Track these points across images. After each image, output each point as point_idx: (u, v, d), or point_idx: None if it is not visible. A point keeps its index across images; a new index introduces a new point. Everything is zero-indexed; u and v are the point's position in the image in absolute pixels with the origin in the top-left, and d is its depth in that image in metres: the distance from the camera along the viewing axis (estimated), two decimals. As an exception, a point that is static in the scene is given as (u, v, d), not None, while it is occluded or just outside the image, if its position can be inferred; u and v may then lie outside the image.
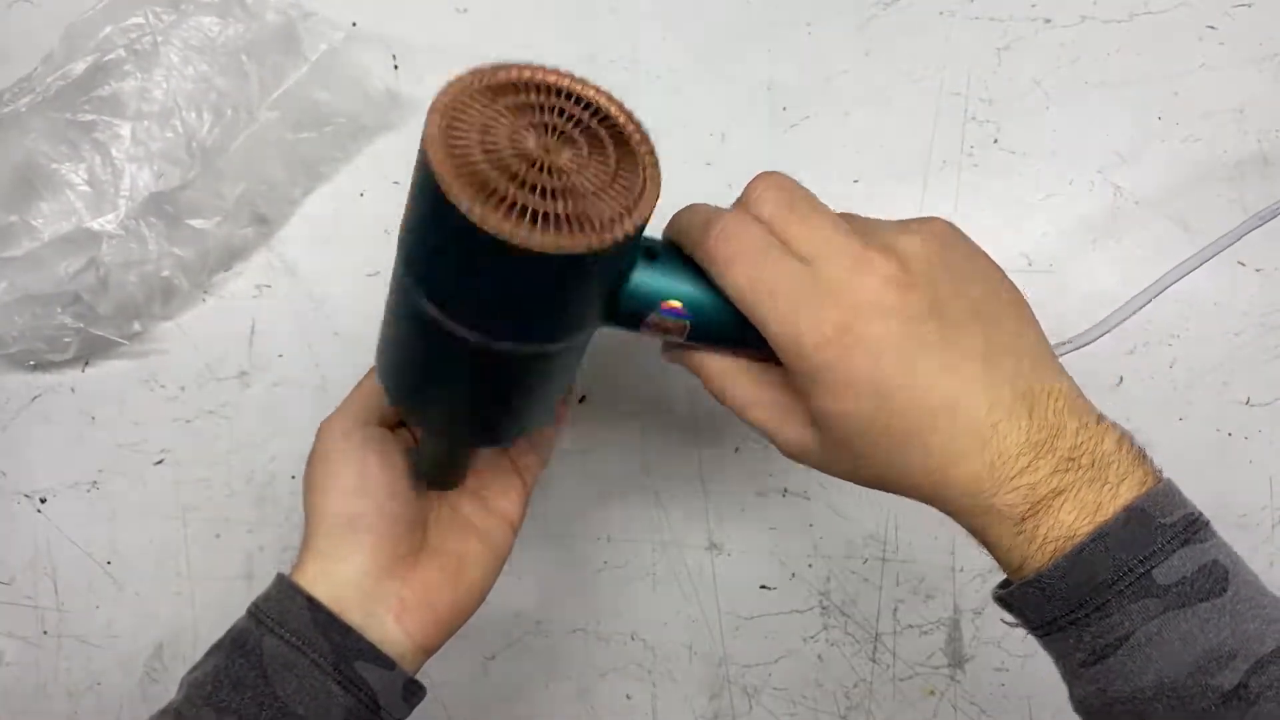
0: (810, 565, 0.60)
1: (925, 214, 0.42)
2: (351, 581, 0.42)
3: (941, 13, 0.61)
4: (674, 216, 0.40)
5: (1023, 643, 0.59)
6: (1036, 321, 0.38)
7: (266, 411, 0.61)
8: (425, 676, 0.60)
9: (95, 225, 0.57)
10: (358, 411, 0.45)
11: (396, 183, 0.61)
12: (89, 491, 0.61)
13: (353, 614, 0.41)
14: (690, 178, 0.45)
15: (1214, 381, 0.59)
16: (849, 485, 0.59)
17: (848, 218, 0.39)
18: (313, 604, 0.41)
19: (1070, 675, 0.36)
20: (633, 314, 0.39)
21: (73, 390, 0.61)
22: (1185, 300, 0.59)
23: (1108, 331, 0.51)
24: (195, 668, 0.41)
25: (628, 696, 0.60)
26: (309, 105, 0.58)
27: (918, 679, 0.59)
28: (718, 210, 0.38)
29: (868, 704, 0.59)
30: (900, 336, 0.35)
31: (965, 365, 0.35)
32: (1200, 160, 0.60)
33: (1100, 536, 0.33)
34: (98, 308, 0.57)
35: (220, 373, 0.61)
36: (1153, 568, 0.33)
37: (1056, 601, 0.34)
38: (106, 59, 0.57)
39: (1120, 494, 0.34)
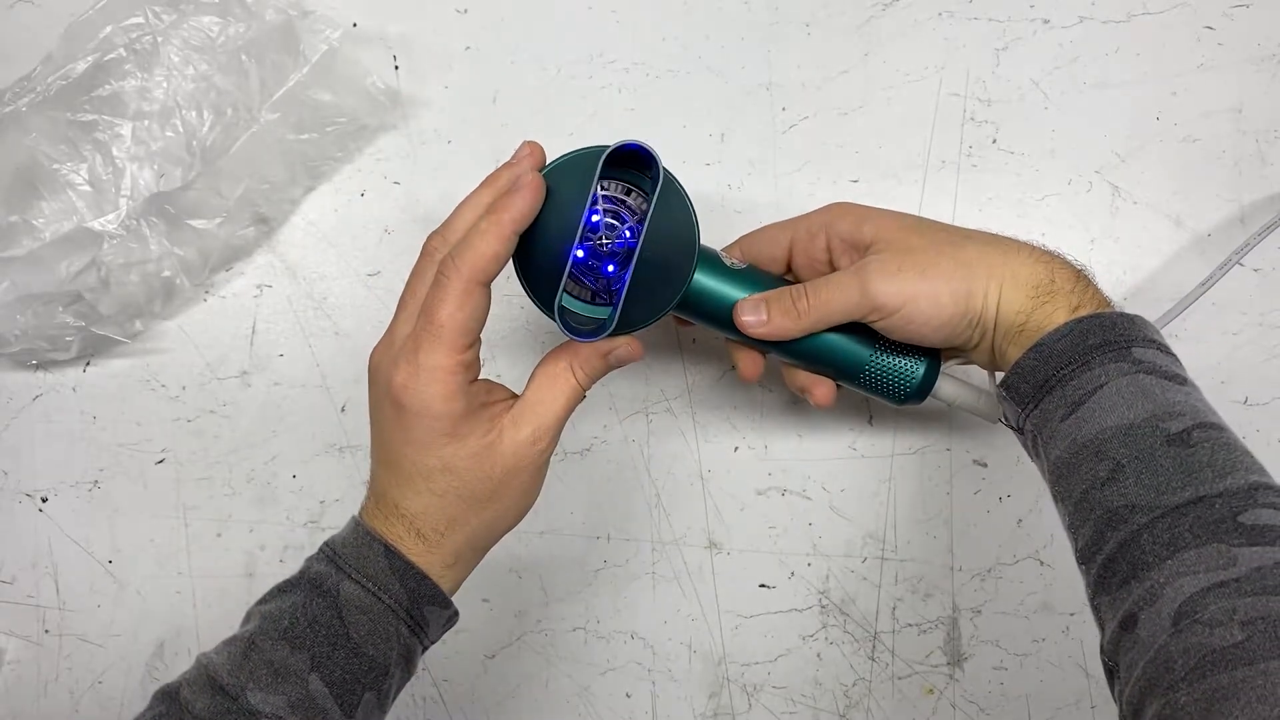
0: (809, 564, 0.60)
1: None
2: (439, 530, 0.44)
3: (941, 13, 0.61)
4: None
5: (1021, 642, 0.59)
6: None
7: (267, 411, 0.61)
8: (426, 674, 0.61)
9: (96, 225, 0.57)
10: (456, 348, 0.41)
11: (397, 183, 0.61)
12: (90, 491, 0.61)
13: (436, 551, 0.44)
14: (690, 178, 0.45)
15: (1212, 381, 0.59)
16: (848, 485, 0.59)
17: None
18: (389, 551, 0.43)
19: (1048, 442, 0.42)
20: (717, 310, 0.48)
21: (74, 390, 0.61)
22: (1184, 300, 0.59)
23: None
24: (265, 600, 0.43)
25: (627, 695, 0.60)
26: (310, 105, 0.58)
27: (916, 677, 0.59)
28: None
29: (866, 702, 0.59)
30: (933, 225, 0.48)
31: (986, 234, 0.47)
32: (1198, 160, 0.60)
33: (1097, 316, 0.42)
34: (99, 307, 0.58)
35: (221, 372, 0.61)
36: (1132, 347, 0.42)
37: (1052, 361, 0.42)
38: (107, 59, 0.57)
39: (1120, 308, 0.44)
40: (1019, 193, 0.60)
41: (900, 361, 0.48)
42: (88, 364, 0.61)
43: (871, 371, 0.49)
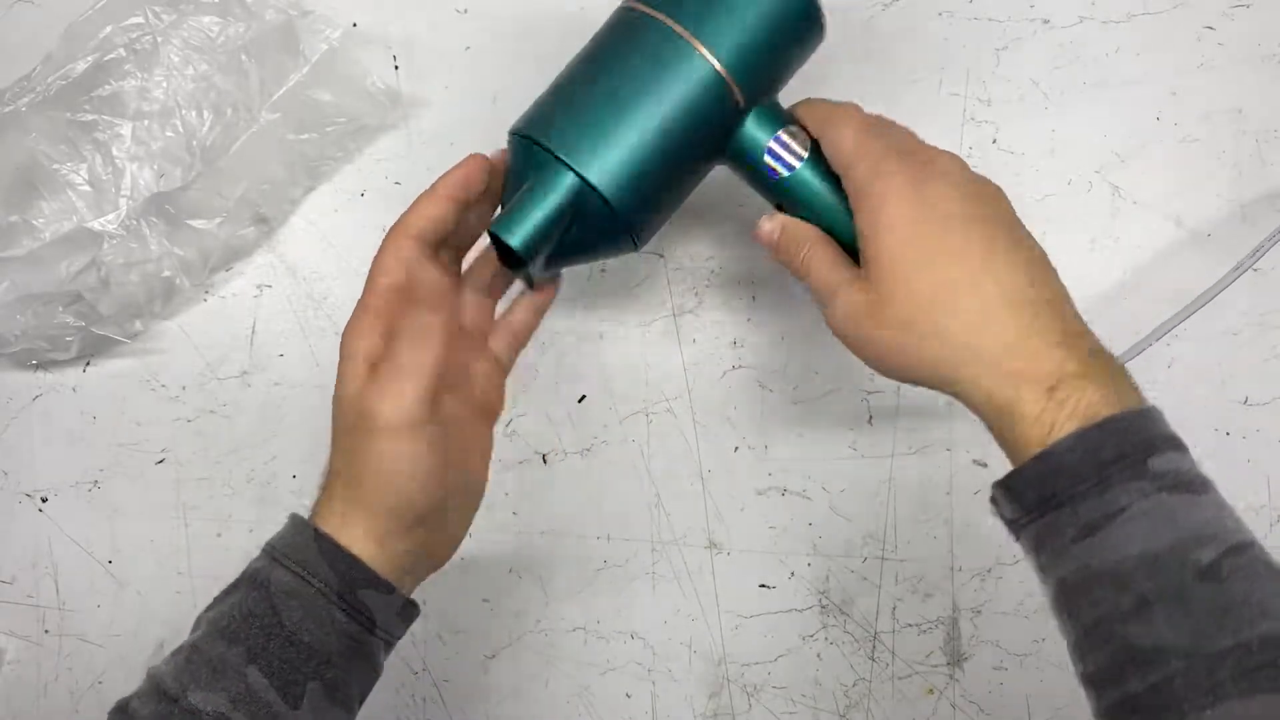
0: (809, 564, 0.60)
1: None
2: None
3: (941, 13, 0.61)
4: (807, 100, 0.48)
5: (1021, 642, 0.59)
6: None
7: (267, 411, 0.61)
8: (426, 674, 0.61)
9: (96, 225, 0.57)
10: (373, 292, 0.45)
11: (397, 183, 0.61)
12: (90, 491, 0.61)
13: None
14: (690, 178, 0.45)
15: (1213, 381, 0.59)
16: (848, 485, 0.59)
17: None
18: (319, 535, 0.42)
19: (1054, 557, 0.39)
20: (760, 135, 0.47)
21: (74, 390, 0.61)
22: (1184, 300, 0.59)
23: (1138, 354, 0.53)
24: (211, 607, 0.43)
25: (627, 695, 0.60)
26: (310, 105, 0.58)
27: (916, 677, 0.59)
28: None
29: (866, 702, 0.59)
30: (962, 208, 0.42)
31: (1010, 257, 0.41)
32: (1199, 161, 0.60)
33: (1109, 422, 0.38)
34: (99, 307, 0.58)
35: (221, 372, 0.61)
36: (1149, 457, 0.37)
37: (1063, 475, 0.38)
38: (107, 59, 0.57)
39: (1126, 399, 0.39)
40: (1019, 193, 0.59)
41: None
42: (88, 364, 0.61)
43: None
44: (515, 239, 0.44)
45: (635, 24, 0.46)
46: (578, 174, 0.44)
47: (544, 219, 0.44)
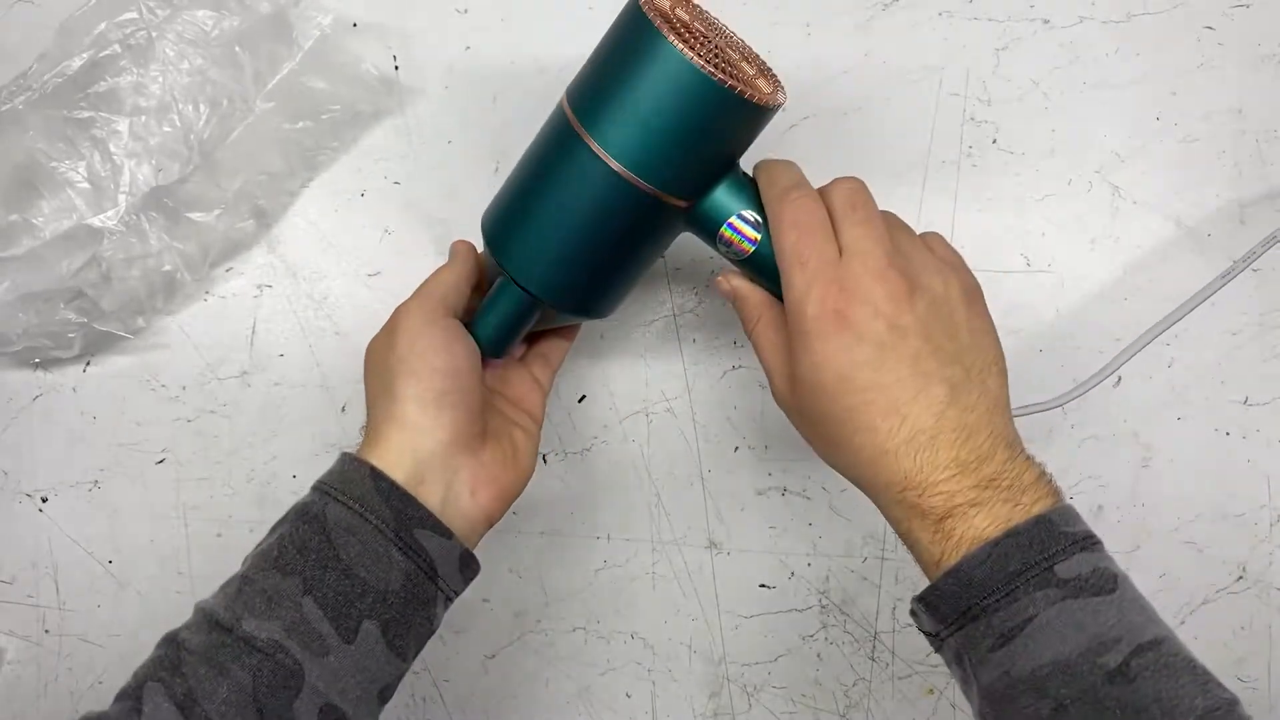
0: (809, 564, 0.60)
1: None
2: (436, 454, 0.44)
3: (941, 13, 0.61)
4: (767, 162, 0.48)
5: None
6: (1007, 381, 0.44)
7: (267, 411, 0.61)
8: (426, 674, 0.61)
9: (96, 222, 0.57)
10: (439, 301, 0.48)
11: (397, 183, 0.61)
12: (90, 491, 0.61)
13: (434, 483, 0.44)
14: (690, 178, 0.45)
15: (1212, 381, 0.59)
16: (848, 485, 0.59)
17: (903, 231, 0.45)
18: (375, 473, 0.43)
19: (976, 666, 0.40)
20: (716, 216, 0.46)
21: (74, 390, 0.61)
22: (1184, 300, 0.59)
23: (1127, 361, 0.53)
24: (259, 545, 0.44)
25: (627, 695, 0.60)
26: (304, 94, 0.57)
27: (916, 678, 0.59)
28: (802, 180, 0.46)
29: (867, 702, 0.60)
30: (881, 339, 0.41)
31: (923, 390, 0.41)
32: (1198, 160, 0.60)
33: (1012, 534, 0.39)
34: (101, 303, 0.58)
35: (221, 372, 0.61)
36: (1055, 564, 0.39)
37: (973, 589, 0.39)
38: (102, 55, 0.57)
39: (1031, 511, 0.40)
40: (1019, 192, 0.60)
41: None
42: (88, 364, 0.61)
43: None
44: (485, 347, 0.49)
45: (558, 124, 0.46)
46: (528, 292, 0.48)
47: (505, 325, 0.49)
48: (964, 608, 0.40)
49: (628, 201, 0.44)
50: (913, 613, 0.43)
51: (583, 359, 0.61)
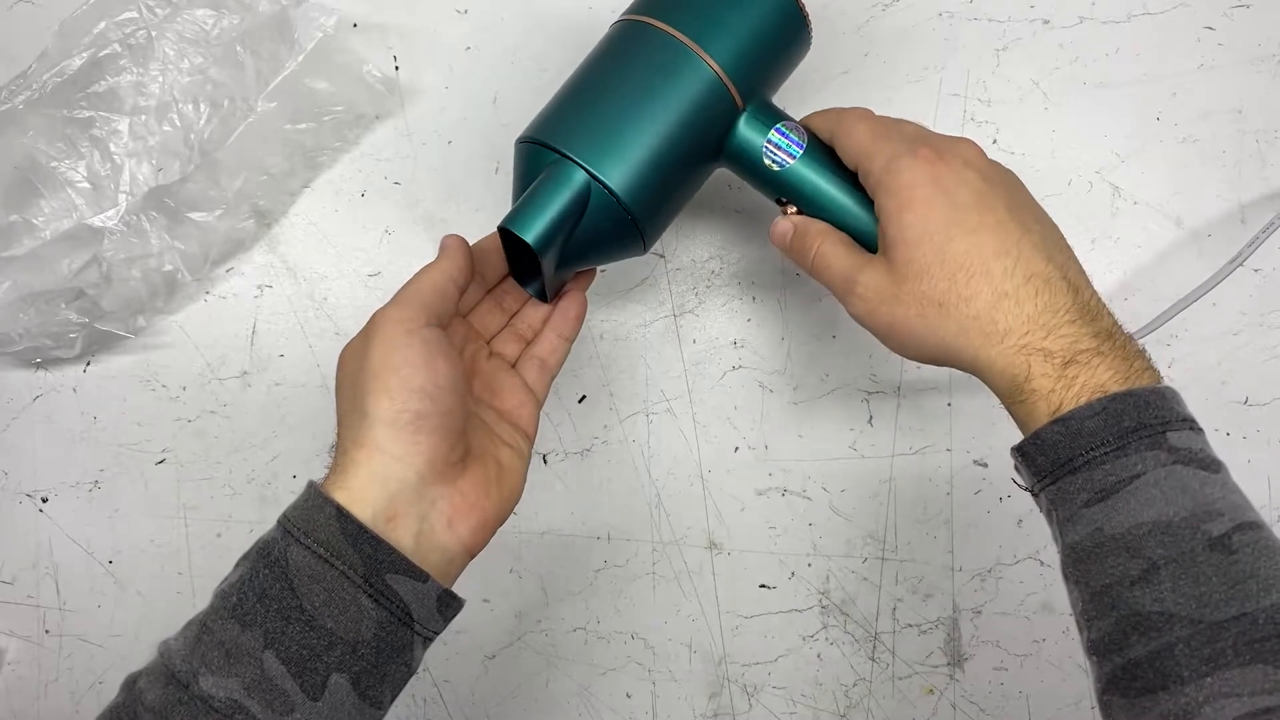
0: (810, 565, 0.60)
1: None
2: (410, 484, 0.40)
3: (941, 13, 0.61)
4: (818, 111, 0.49)
5: (1021, 642, 0.59)
6: None
7: (267, 411, 0.61)
8: (426, 674, 0.61)
9: (96, 221, 0.57)
10: (420, 309, 0.43)
11: (397, 183, 0.61)
12: (91, 491, 0.61)
13: (407, 518, 0.40)
14: (690, 178, 0.45)
15: (1213, 381, 0.59)
16: (848, 485, 0.59)
17: None
18: (341, 514, 0.39)
19: (1066, 522, 0.39)
20: (764, 124, 0.48)
21: (74, 390, 0.61)
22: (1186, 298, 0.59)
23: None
24: (223, 580, 0.40)
25: (628, 695, 0.60)
26: (306, 94, 0.57)
27: (917, 678, 0.59)
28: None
29: (867, 703, 0.59)
30: (977, 185, 0.43)
31: (1027, 234, 0.42)
32: (1198, 160, 0.60)
33: (1130, 394, 0.39)
34: (102, 303, 0.58)
35: (221, 373, 0.61)
36: (1167, 431, 0.38)
37: (1082, 439, 0.38)
38: (102, 54, 0.57)
39: (1144, 377, 0.40)
40: (1019, 193, 0.60)
41: None
42: (88, 364, 0.61)
43: None
44: (528, 233, 0.44)
45: (637, 34, 0.47)
46: (592, 174, 0.45)
47: (555, 213, 0.44)
48: (1065, 458, 0.39)
49: (702, 86, 0.46)
50: (1013, 472, 0.43)
51: (583, 359, 0.61)
